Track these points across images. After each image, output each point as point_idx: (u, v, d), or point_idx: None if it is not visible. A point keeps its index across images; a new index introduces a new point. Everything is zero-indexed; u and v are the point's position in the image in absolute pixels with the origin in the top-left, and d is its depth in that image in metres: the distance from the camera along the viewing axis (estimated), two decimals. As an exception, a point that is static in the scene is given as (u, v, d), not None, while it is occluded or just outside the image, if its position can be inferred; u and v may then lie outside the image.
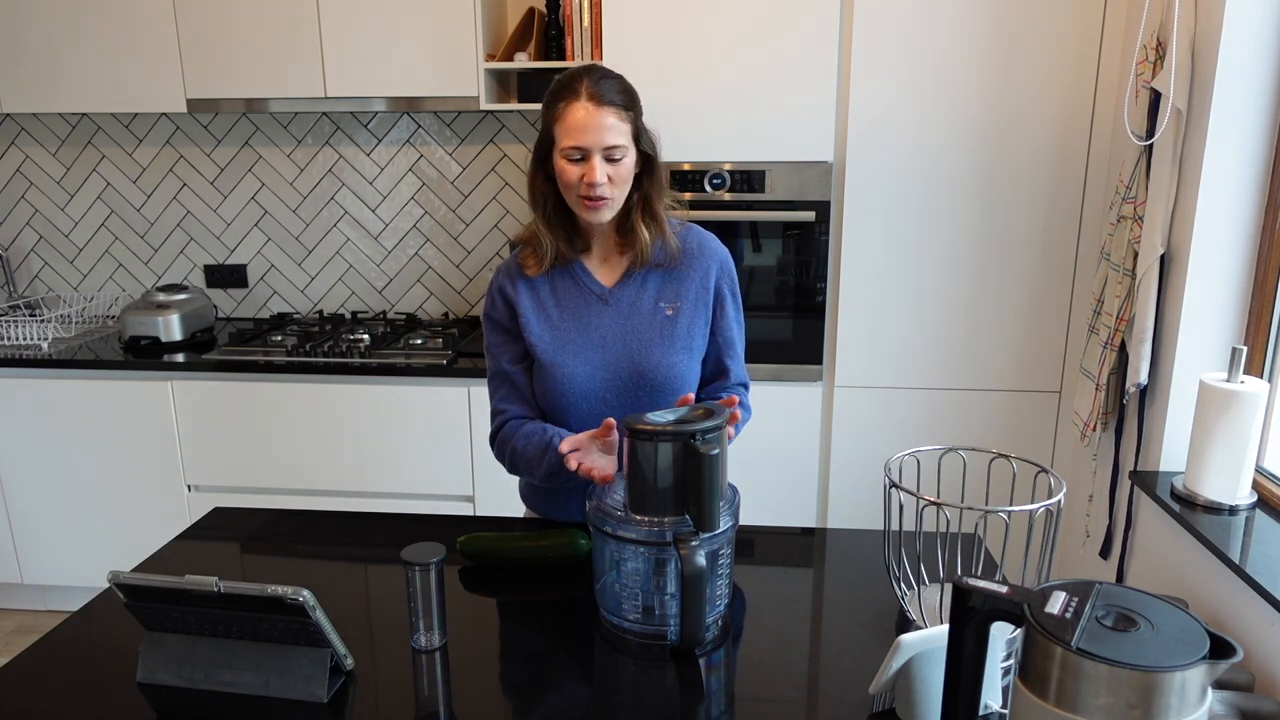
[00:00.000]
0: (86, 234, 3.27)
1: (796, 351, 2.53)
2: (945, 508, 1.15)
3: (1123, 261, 2.06)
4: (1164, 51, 1.92)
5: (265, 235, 3.21)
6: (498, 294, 1.54)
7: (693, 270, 1.53)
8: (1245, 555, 1.62)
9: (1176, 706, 0.77)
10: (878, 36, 2.32)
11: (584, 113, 1.37)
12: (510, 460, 1.54)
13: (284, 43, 2.67)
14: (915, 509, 1.20)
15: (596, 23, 2.59)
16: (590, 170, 1.38)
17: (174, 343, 2.86)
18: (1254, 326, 1.91)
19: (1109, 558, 2.20)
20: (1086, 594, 0.86)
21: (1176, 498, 1.85)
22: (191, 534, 1.61)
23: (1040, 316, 2.45)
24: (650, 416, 1.21)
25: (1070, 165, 2.34)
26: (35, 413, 2.78)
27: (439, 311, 3.22)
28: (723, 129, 2.43)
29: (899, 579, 1.30)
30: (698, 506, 1.17)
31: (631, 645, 1.24)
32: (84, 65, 2.77)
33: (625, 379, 1.49)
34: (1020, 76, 2.30)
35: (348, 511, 1.69)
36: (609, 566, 1.24)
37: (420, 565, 1.19)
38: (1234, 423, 1.73)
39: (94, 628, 1.30)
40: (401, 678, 1.18)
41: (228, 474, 2.79)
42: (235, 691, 1.14)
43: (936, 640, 1.01)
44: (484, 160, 3.05)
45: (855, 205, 2.43)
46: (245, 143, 3.13)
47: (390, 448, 2.71)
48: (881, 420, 2.55)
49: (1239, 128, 1.86)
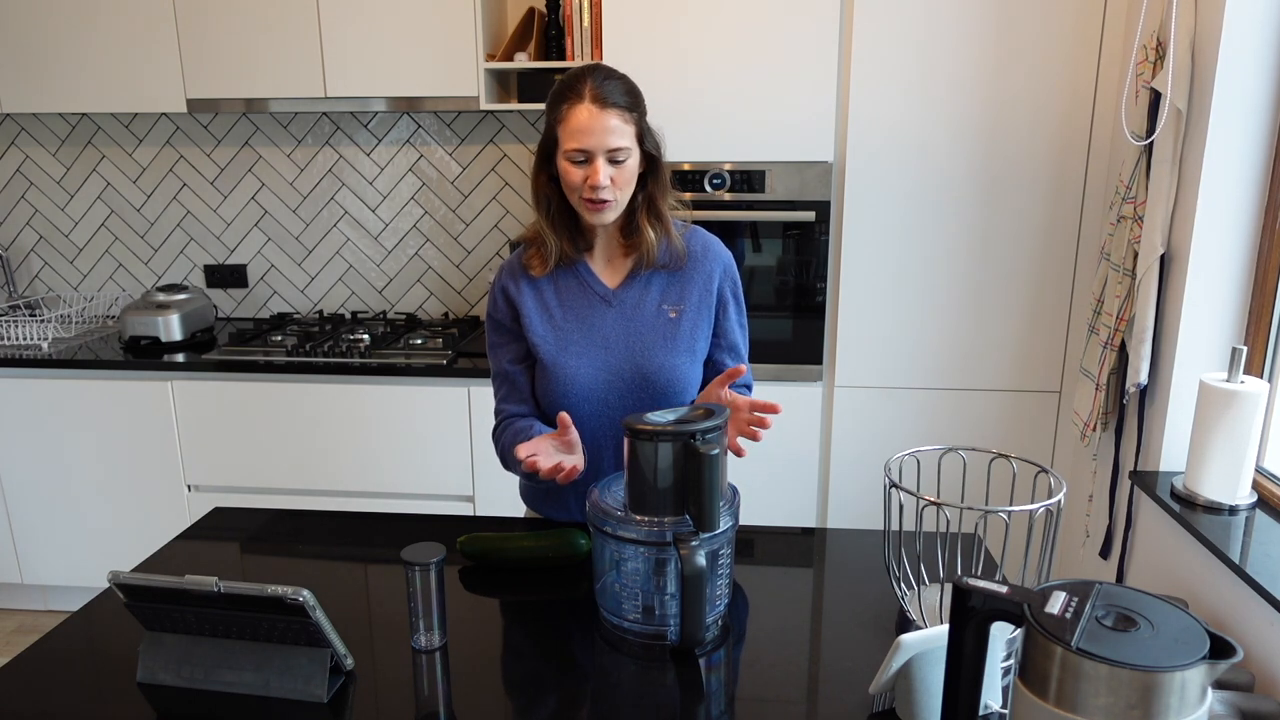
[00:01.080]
0: (86, 234, 3.27)
1: (796, 351, 2.53)
2: (945, 508, 1.15)
3: (1123, 261, 2.06)
4: (1164, 51, 1.92)
5: (265, 235, 3.21)
6: (500, 294, 1.54)
7: (696, 273, 1.53)
8: (1245, 555, 1.62)
9: (1176, 706, 0.77)
10: (878, 36, 2.32)
11: (587, 115, 1.36)
12: (501, 457, 1.55)
13: (284, 43, 2.67)
14: (915, 509, 1.20)
15: (596, 23, 2.59)
16: (594, 173, 1.38)
17: (174, 343, 2.87)
18: (1254, 326, 1.91)
19: (1109, 558, 2.20)
20: (1086, 594, 0.86)
21: (1176, 498, 1.85)
22: (191, 534, 1.61)
23: (1040, 316, 2.45)
24: (650, 416, 1.21)
25: (1070, 165, 2.34)
26: (35, 413, 2.78)
27: (439, 311, 3.22)
28: (723, 129, 2.43)
29: (899, 579, 1.30)
30: (698, 506, 1.17)
31: (631, 645, 1.24)
32: (84, 65, 2.77)
33: (627, 380, 1.49)
34: (1020, 76, 2.30)
35: (348, 511, 1.69)
36: (609, 566, 1.24)
37: (420, 565, 1.19)
38: (1234, 423, 1.73)
39: (94, 628, 1.30)
40: (401, 678, 1.18)
41: (228, 474, 2.79)
42: (235, 691, 1.14)
43: (936, 640, 1.01)
44: (484, 160, 3.05)
45: (855, 205, 2.43)
46: (245, 143, 3.13)
47: (390, 448, 2.71)
48: (881, 420, 2.55)
49: (1239, 128, 1.86)
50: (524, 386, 1.55)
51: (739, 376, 1.38)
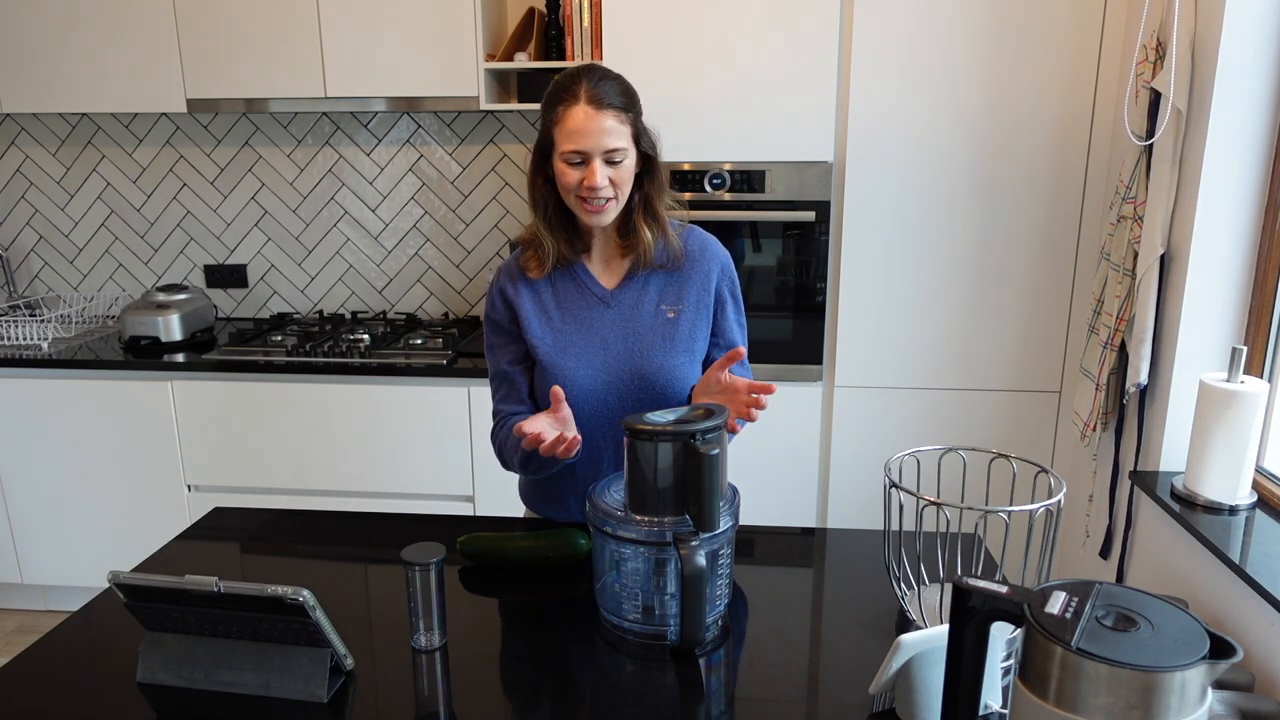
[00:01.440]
0: (86, 234, 3.27)
1: (796, 351, 2.53)
2: (945, 508, 1.15)
3: (1123, 261, 2.06)
4: (1164, 51, 1.92)
5: (265, 235, 3.21)
6: (498, 295, 1.54)
7: (694, 272, 1.52)
8: (1245, 555, 1.62)
9: (1176, 706, 0.77)
10: (878, 36, 2.32)
11: (583, 116, 1.36)
12: (499, 454, 1.56)
13: (284, 43, 2.67)
14: (915, 509, 1.20)
15: (596, 23, 2.59)
16: (591, 174, 1.38)
17: (174, 343, 2.86)
18: (1254, 326, 1.91)
19: (1109, 558, 2.20)
20: (1086, 594, 0.86)
21: (1176, 498, 1.85)
22: (191, 534, 1.61)
23: (1040, 316, 2.45)
24: (650, 416, 1.21)
25: (1070, 165, 2.34)
26: (35, 413, 2.78)
27: (439, 311, 3.22)
28: (723, 129, 2.43)
29: (899, 579, 1.30)
30: (698, 506, 1.17)
31: (631, 645, 1.24)
32: (84, 65, 2.77)
33: (627, 381, 1.49)
34: (1020, 76, 2.30)
35: (348, 511, 1.69)
36: (609, 566, 1.24)
37: (420, 565, 1.19)
38: (1234, 423, 1.73)
39: (94, 628, 1.30)
40: (401, 678, 1.18)
41: (228, 474, 2.79)
42: (235, 691, 1.14)
43: (936, 640, 1.01)
44: (484, 160, 3.05)
45: (855, 205, 2.43)
46: (245, 143, 3.13)
47: (390, 448, 2.71)
48: (881, 420, 2.55)
49: (1239, 128, 1.86)
50: (522, 387, 1.55)
51: (739, 359, 1.37)
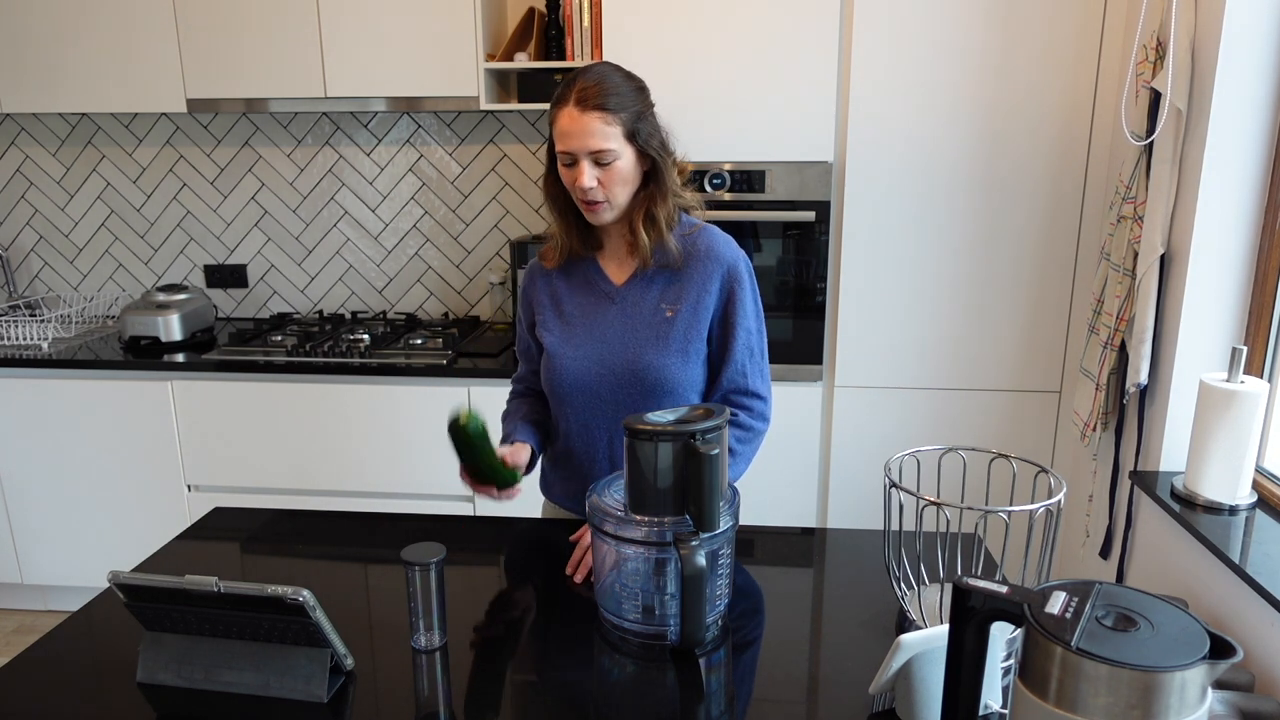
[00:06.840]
0: (86, 234, 3.27)
1: (796, 351, 2.53)
2: (945, 508, 1.15)
3: (1123, 261, 2.06)
4: (1164, 51, 1.92)
5: (265, 235, 3.21)
6: (527, 279, 1.64)
7: (695, 273, 1.52)
8: (1245, 555, 1.62)
9: (1176, 706, 0.77)
10: (878, 36, 2.32)
11: (568, 118, 1.39)
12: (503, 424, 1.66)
13: (284, 43, 2.67)
14: (915, 509, 1.20)
15: (596, 23, 2.59)
16: (579, 174, 1.40)
17: (174, 343, 2.86)
18: (1254, 326, 1.91)
19: (1109, 558, 2.20)
20: (1086, 594, 0.86)
21: (1176, 498, 1.85)
22: (191, 534, 1.61)
23: (1040, 316, 2.44)
24: (650, 416, 1.21)
25: (1070, 165, 2.34)
26: (35, 413, 2.78)
27: (439, 311, 3.22)
28: (723, 129, 2.43)
29: (899, 579, 1.30)
30: (698, 506, 1.17)
31: (631, 645, 1.24)
32: (84, 65, 2.76)
33: (619, 376, 1.50)
34: (1020, 76, 2.30)
35: (348, 511, 1.69)
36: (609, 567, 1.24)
37: (420, 565, 1.19)
38: (1234, 423, 1.72)
39: (94, 628, 1.30)
40: (401, 678, 1.18)
41: (228, 474, 2.79)
42: (235, 691, 1.14)
43: (936, 640, 1.01)
44: (484, 160, 3.05)
45: (855, 205, 2.43)
46: (245, 143, 3.13)
47: (390, 448, 2.71)
48: (881, 420, 2.55)
49: (1239, 128, 1.86)
50: (536, 358, 1.64)
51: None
